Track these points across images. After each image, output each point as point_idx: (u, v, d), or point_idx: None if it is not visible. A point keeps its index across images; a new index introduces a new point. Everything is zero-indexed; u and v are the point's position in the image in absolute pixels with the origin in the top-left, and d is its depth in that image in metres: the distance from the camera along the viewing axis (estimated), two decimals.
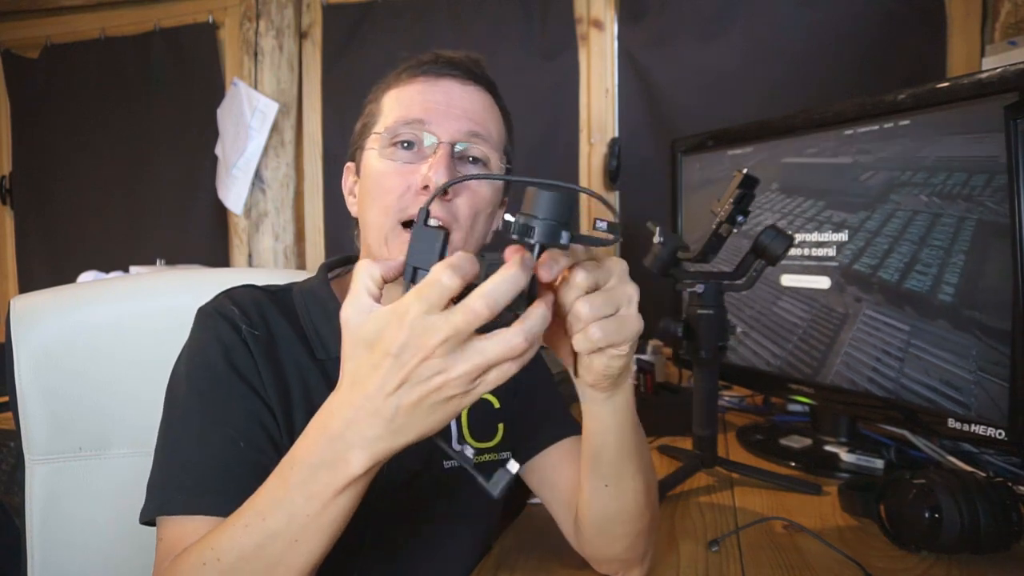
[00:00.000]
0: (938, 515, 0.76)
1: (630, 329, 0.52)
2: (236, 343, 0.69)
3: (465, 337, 0.44)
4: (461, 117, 0.72)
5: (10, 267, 2.63)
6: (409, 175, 0.70)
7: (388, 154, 0.72)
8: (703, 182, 1.37)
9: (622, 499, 0.68)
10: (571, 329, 0.52)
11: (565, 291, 0.51)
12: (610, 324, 0.51)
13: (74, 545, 0.88)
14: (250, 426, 0.66)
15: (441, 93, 0.73)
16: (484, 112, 0.75)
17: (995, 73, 0.87)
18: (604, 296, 0.51)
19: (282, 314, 0.75)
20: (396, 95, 0.75)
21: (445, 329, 0.44)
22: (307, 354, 0.73)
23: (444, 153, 0.69)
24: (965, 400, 0.91)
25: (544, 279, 0.49)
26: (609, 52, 1.98)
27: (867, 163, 1.06)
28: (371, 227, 0.73)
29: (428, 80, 0.74)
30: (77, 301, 0.92)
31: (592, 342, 0.51)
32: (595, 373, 0.56)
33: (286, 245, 2.20)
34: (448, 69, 0.74)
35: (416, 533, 0.76)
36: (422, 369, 0.45)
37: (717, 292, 1.02)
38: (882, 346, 1.03)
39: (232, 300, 0.73)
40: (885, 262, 1.03)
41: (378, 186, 0.72)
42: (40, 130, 2.50)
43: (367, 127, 0.77)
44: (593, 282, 0.51)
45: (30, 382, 0.86)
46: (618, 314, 0.52)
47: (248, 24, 2.14)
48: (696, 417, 1.06)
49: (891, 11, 1.69)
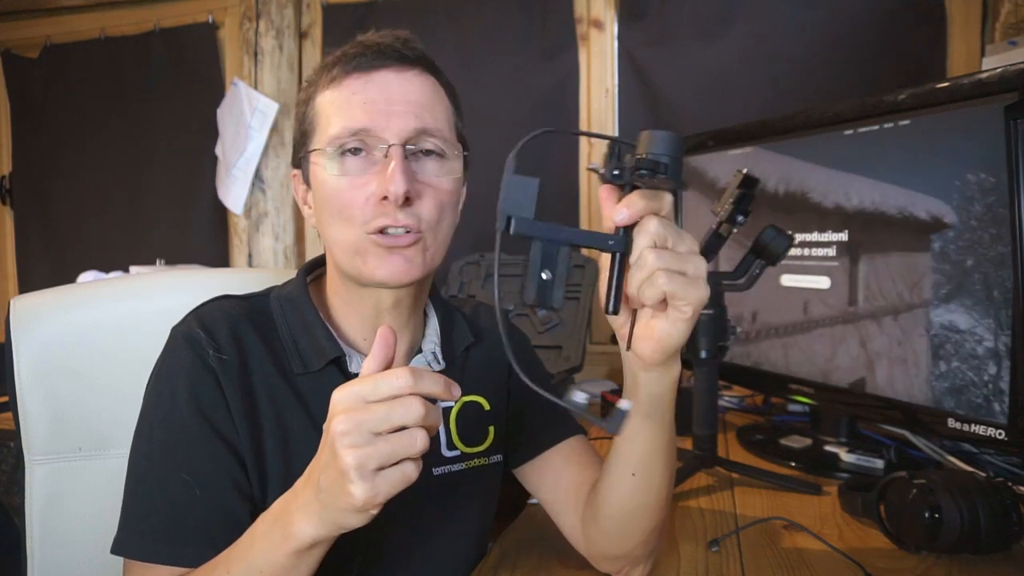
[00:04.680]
0: (938, 515, 0.76)
1: (697, 290, 0.52)
2: (201, 374, 0.67)
3: (386, 428, 0.50)
4: (405, 114, 0.68)
5: (10, 267, 2.63)
6: (365, 186, 0.67)
7: (337, 168, 0.68)
8: (703, 182, 1.37)
9: (647, 492, 0.67)
10: (635, 282, 0.52)
11: (637, 238, 0.52)
12: (677, 278, 0.51)
13: (74, 545, 0.88)
14: (212, 470, 0.66)
15: (378, 89, 0.68)
16: (428, 100, 0.70)
17: (995, 73, 0.87)
18: (672, 254, 0.52)
19: (256, 328, 0.72)
20: (330, 98, 0.70)
21: (368, 413, 0.50)
22: (281, 373, 0.71)
23: (398, 158, 0.66)
24: (965, 400, 0.91)
25: (616, 222, 0.52)
26: (609, 52, 1.98)
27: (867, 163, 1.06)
28: (337, 243, 0.70)
29: (360, 76, 0.69)
30: (77, 301, 0.92)
31: (657, 287, 0.51)
32: (652, 342, 0.55)
33: (286, 245, 2.20)
34: (379, 59, 0.69)
35: (409, 539, 0.75)
36: (338, 440, 0.50)
37: (717, 292, 1.02)
38: (882, 346, 1.03)
39: (200, 322, 0.70)
40: (885, 262, 1.03)
41: (335, 202, 0.68)
42: (40, 130, 2.50)
43: (307, 135, 0.72)
44: (664, 235, 0.51)
45: (30, 382, 0.86)
46: (686, 275, 0.52)
47: (248, 24, 2.14)
48: (696, 417, 1.07)
49: (891, 11, 1.69)
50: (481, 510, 0.83)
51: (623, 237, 0.52)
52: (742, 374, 1.31)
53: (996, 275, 0.87)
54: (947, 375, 0.94)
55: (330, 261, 0.77)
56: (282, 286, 0.79)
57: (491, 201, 0.75)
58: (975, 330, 0.90)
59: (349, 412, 0.50)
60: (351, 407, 0.50)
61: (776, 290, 1.22)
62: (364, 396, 0.50)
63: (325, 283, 0.79)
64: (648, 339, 0.55)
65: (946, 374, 0.94)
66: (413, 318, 0.78)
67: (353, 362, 0.73)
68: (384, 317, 0.75)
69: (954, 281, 0.93)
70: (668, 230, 0.52)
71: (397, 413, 0.50)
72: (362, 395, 0.50)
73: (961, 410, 0.92)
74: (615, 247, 0.52)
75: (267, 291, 0.79)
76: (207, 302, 0.74)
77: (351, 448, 0.49)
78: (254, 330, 0.72)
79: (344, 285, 0.75)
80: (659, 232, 0.51)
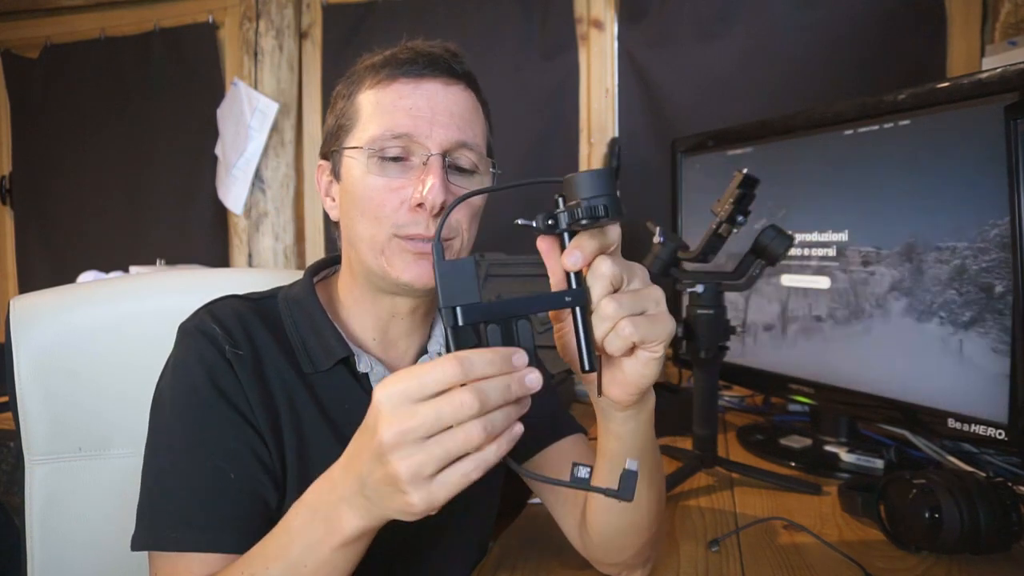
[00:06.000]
0: (938, 515, 0.76)
1: (662, 326, 0.51)
2: (220, 364, 0.67)
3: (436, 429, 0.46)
4: (448, 124, 0.69)
5: (10, 267, 2.63)
6: (401, 190, 0.68)
7: (375, 168, 0.68)
8: (703, 182, 1.37)
9: (635, 513, 0.67)
10: (599, 334, 0.51)
11: (592, 285, 0.51)
12: (641, 320, 0.50)
13: (74, 545, 0.88)
14: (239, 453, 0.65)
15: (425, 98, 0.69)
16: (470, 114, 0.72)
17: (995, 73, 0.87)
18: (630, 295, 0.51)
19: (266, 326, 0.72)
20: (375, 99, 0.70)
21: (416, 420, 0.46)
22: (293, 368, 0.71)
23: (437, 167, 0.67)
24: (965, 400, 0.91)
25: (568, 267, 0.51)
26: (609, 52, 1.98)
27: (867, 163, 1.06)
28: (362, 239, 0.70)
29: (409, 82, 0.69)
30: (77, 301, 0.92)
31: (623, 338, 0.50)
32: (625, 386, 0.54)
33: (286, 245, 2.20)
34: (429, 69, 0.70)
35: (409, 540, 0.75)
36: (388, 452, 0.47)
37: (717, 292, 1.02)
38: (882, 346, 1.03)
39: (213, 318, 0.70)
40: (885, 262, 1.03)
41: (368, 201, 0.69)
42: (40, 130, 2.50)
43: (344, 129, 0.72)
44: (617, 273, 0.50)
45: (30, 382, 0.86)
46: (647, 313, 0.51)
47: (248, 24, 2.14)
48: (696, 417, 1.07)
49: (891, 11, 1.69)
50: (484, 508, 0.83)
51: (579, 289, 0.51)
52: (742, 374, 1.31)
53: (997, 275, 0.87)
54: (947, 375, 0.94)
55: (347, 259, 0.76)
56: (289, 287, 0.79)
57: (491, 201, 0.76)
58: (975, 329, 0.90)
59: (395, 419, 0.46)
60: (396, 411, 0.46)
61: (776, 290, 1.22)
62: (410, 395, 0.46)
63: (334, 284, 0.79)
64: (620, 383, 0.55)
65: (947, 374, 0.94)
66: (424, 321, 0.79)
67: (361, 362, 0.73)
68: (398, 320, 0.75)
69: (955, 280, 0.93)
70: (620, 267, 0.51)
71: (446, 414, 0.45)
72: (408, 394, 0.46)
73: (961, 410, 0.92)
74: (574, 302, 0.51)
75: (274, 292, 0.79)
76: (215, 300, 0.74)
77: (402, 459, 0.46)
78: (264, 329, 0.72)
79: (360, 286, 0.75)
80: (613, 273, 0.50)
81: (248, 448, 0.66)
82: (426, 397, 0.46)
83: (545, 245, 0.54)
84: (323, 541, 0.54)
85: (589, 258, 0.51)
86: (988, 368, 0.88)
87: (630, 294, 0.51)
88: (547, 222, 0.51)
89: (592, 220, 0.48)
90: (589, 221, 0.49)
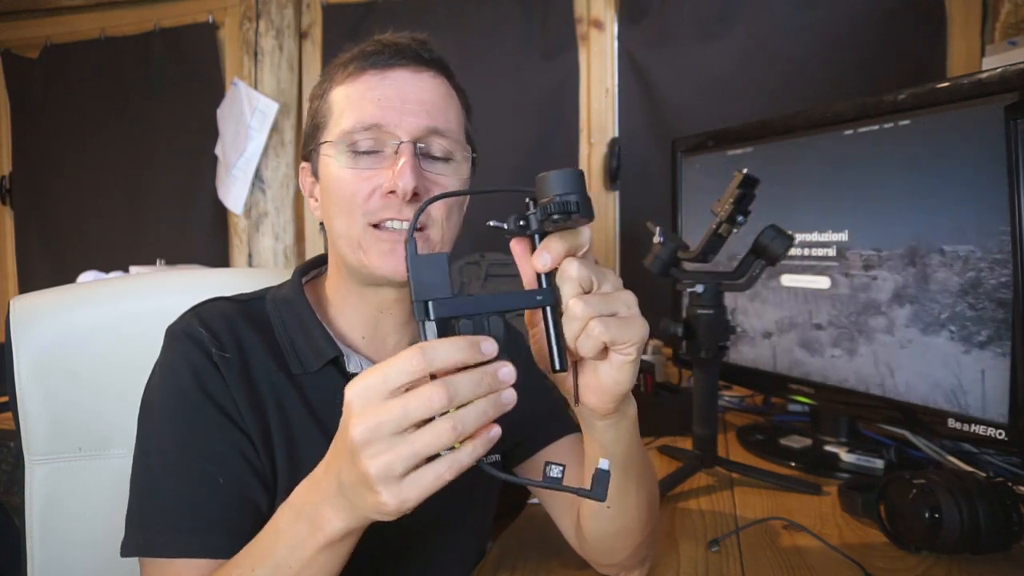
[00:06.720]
0: (938, 515, 0.76)
1: (634, 329, 0.50)
2: (207, 367, 0.67)
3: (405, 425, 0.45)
4: (418, 112, 0.68)
5: (10, 267, 2.63)
6: (372, 179, 0.68)
7: (348, 161, 0.69)
8: (703, 182, 1.37)
9: (624, 517, 0.67)
10: (570, 336, 0.50)
11: (561, 286, 0.50)
12: (611, 321, 0.50)
13: (74, 545, 0.88)
14: (227, 456, 0.65)
15: (393, 88, 0.69)
16: (441, 100, 0.71)
17: (995, 73, 0.87)
18: (600, 297, 0.50)
19: (254, 328, 0.72)
20: (345, 93, 0.70)
21: (383, 415, 0.45)
22: (282, 370, 0.71)
23: (408, 154, 0.66)
24: (965, 400, 0.91)
25: (539, 268, 0.50)
26: (609, 52, 1.98)
27: (867, 163, 1.06)
28: (340, 236, 0.70)
29: (376, 73, 0.69)
30: (77, 301, 0.92)
31: (593, 338, 0.49)
32: (601, 393, 0.53)
33: (286, 245, 2.20)
34: (396, 59, 0.70)
35: (409, 540, 0.75)
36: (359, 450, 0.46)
37: (717, 292, 1.02)
38: (882, 346, 1.03)
39: (200, 320, 0.70)
40: (885, 262, 1.03)
41: (341, 193, 0.69)
42: (40, 130, 2.50)
43: (319, 127, 0.73)
44: (588, 277, 0.50)
45: (30, 382, 0.86)
46: (618, 316, 0.50)
47: (248, 24, 2.14)
48: (696, 417, 1.07)
49: (891, 11, 1.69)
50: (481, 510, 0.83)
51: (548, 288, 0.51)
52: (742, 374, 1.31)
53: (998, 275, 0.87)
54: (948, 375, 0.94)
55: (332, 258, 0.77)
56: (277, 288, 0.79)
57: (491, 200, 0.76)
58: (975, 328, 0.90)
59: (364, 416, 0.46)
60: (365, 408, 0.46)
61: (776, 290, 1.22)
62: (377, 390, 0.46)
63: (322, 284, 0.79)
64: (595, 389, 0.54)
65: (947, 374, 0.94)
66: (412, 316, 0.78)
67: (351, 362, 0.73)
68: (386, 315, 0.75)
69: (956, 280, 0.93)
70: (590, 270, 0.50)
71: (414, 408, 0.44)
72: (375, 389, 0.46)
73: (961, 410, 0.92)
74: (544, 301, 0.51)
75: (262, 293, 0.78)
76: (203, 303, 0.74)
77: (372, 458, 0.46)
78: (252, 330, 0.72)
79: (346, 283, 0.75)
80: (582, 275, 0.50)
81: (236, 451, 0.65)
82: (393, 391, 0.45)
83: (518, 247, 0.54)
84: (307, 542, 0.53)
85: (559, 259, 0.50)
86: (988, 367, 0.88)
87: (600, 296, 0.50)
88: (518, 223, 0.51)
89: (564, 216, 0.48)
90: (560, 217, 0.48)
